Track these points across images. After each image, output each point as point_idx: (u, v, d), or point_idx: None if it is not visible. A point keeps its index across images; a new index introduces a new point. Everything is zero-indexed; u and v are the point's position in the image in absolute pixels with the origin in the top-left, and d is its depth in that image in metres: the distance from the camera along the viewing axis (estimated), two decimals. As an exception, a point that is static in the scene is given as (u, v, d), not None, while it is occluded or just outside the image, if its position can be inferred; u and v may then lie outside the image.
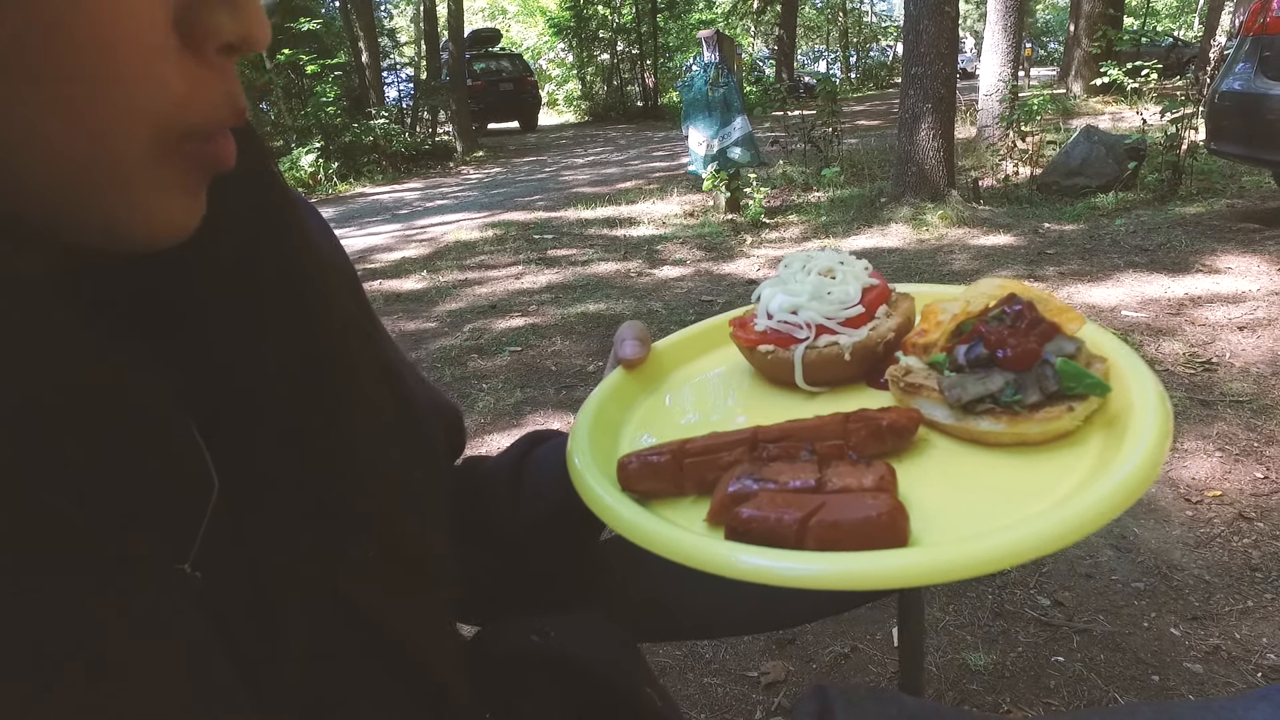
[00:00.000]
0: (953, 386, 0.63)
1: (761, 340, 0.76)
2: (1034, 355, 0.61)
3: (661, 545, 0.55)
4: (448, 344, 4.56)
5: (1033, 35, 33.52)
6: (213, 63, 0.37)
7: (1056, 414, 0.59)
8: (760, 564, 0.50)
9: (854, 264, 0.78)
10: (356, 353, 0.54)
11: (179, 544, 0.42)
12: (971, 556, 0.47)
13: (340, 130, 13.26)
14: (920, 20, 6.45)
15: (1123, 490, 0.51)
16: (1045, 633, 1.99)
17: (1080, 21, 13.25)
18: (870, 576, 0.48)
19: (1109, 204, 6.37)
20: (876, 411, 0.62)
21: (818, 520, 0.50)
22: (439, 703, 0.57)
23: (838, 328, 0.73)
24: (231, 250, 0.46)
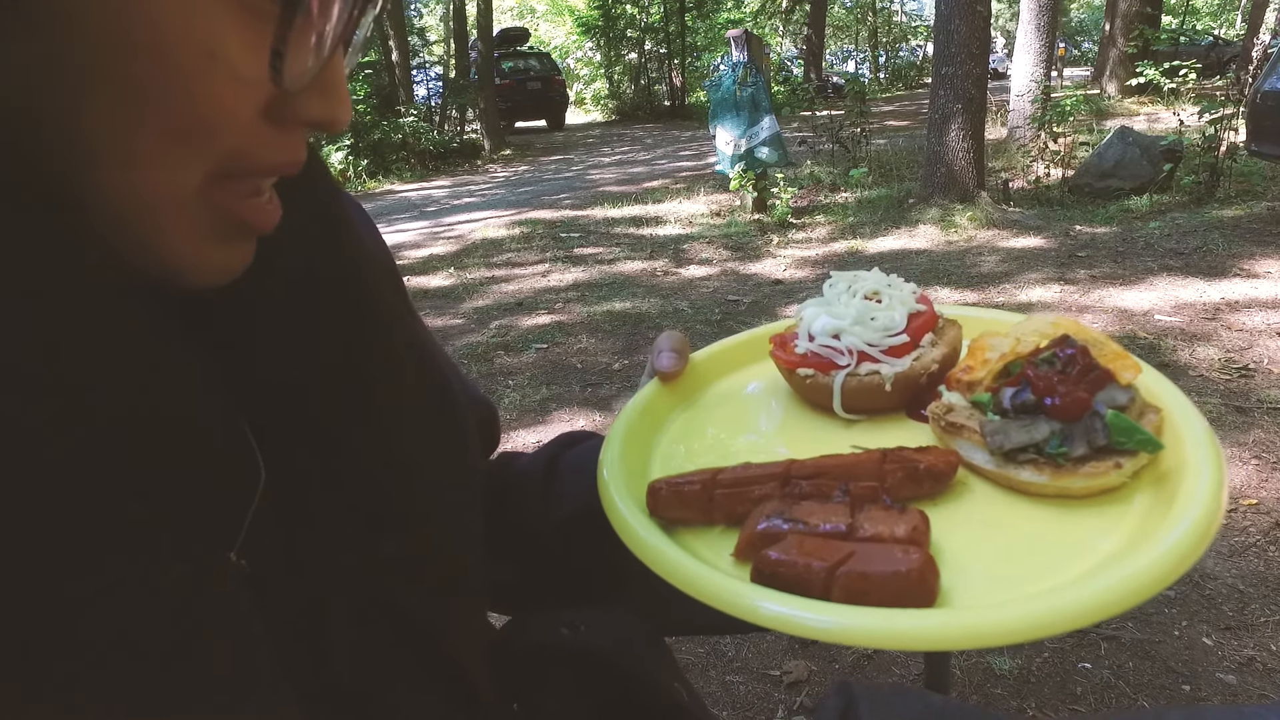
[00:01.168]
0: (995, 432, 0.60)
1: (801, 363, 0.74)
2: (1083, 406, 0.57)
3: (686, 582, 0.54)
4: (474, 341, 4.60)
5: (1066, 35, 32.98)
6: (289, 130, 0.39)
7: (1103, 470, 0.56)
8: (784, 613, 0.49)
9: (901, 287, 0.76)
10: (400, 352, 0.55)
11: (227, 533, 0.44)
12: (1001, 626, 0.46)
13: (370, 128, 13.41)
14: (952, 20, 6.39)
15: (1169, 561, 0.48)
16: (1072, 638, 1.97)
17: (1116, 20, 13.01)
18: (895, 637, 0.47)
19: (1143, 206, 6.26)
20: (914, 452, 0.60)
21: (846, 570, 0.50)
22: (469, 695, 0.58)
23: (880, 356, 0.71)
24: (287, 253, 0.47)
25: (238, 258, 0.42)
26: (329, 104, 0.39)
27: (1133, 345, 3.63)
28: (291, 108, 0.38)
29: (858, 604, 0.49)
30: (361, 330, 0.51)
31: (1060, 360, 0.60)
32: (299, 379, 0.48)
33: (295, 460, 0.47)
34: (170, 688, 0.38)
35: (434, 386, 0.61)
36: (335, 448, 0.49)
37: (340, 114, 0.40)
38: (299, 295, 0.48)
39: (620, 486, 0.65)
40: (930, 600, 0.49)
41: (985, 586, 0.52)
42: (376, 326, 0.52)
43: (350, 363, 0.50)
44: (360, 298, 0.51)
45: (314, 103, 0.39)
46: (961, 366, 0.66)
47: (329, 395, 0.49)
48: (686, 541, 0.61)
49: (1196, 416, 0.60)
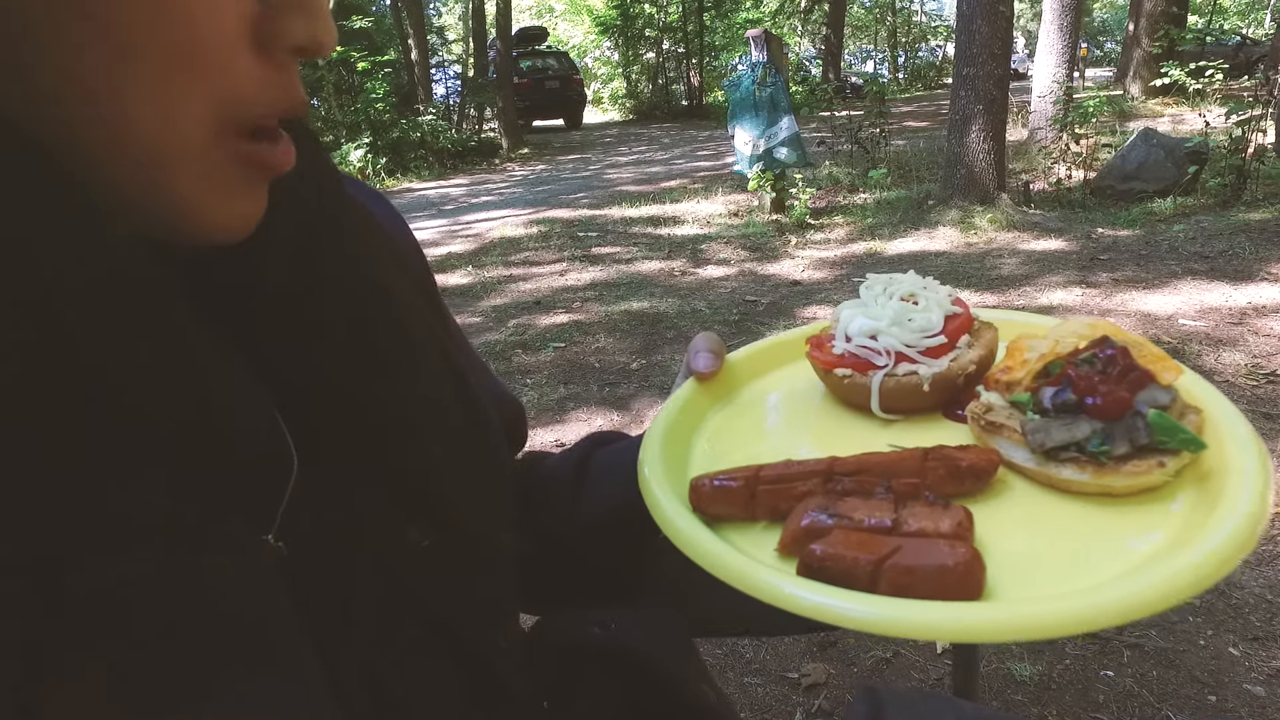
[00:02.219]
0: (1036, 431, 0.60)
1: (839, 363, 0.75)
2: (1125, 405, 0.58)
3: (735, 576, 0.55)
4: (492, 339, 4.62)
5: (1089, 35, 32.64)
6: (279, 61, 0.39)
7: (1145, 469, 0.57)
8: (828, 604, 0.50)
9: (937, 290, 0.77)
10: (418, 346, 0.55)
11: (262, 517, 0.44)
12: (1045, 619, 0.47)
13: (389, 126, 13.49)
14: (973, 20, 6.34)
15: (1213, 561, 0.48)
16: (1094, 645, 1.95)
17: (1141, 20, 12.86)
18: (938, 629, 0.48)
19: (1167, 209, 6.18)
20: (955, 450, 0.61)
21: (892, 564, 0.50)
22: (497, 690, 0.59)
23: (918, 356, 0.72)
24: (289, 242, 0.47)
25: (255, 207, 0.42)
26: (311, 24, 0.39)
27: (1156, 350, 3.60)
28: (275, 28, 0.38)
29: (904, 597, 0.49)
30: (373, 327, 0.51)
31: (1100, 360, 0.60)
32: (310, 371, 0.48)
33: (322, 448, 0.48)
34: (212, 667, 0.39)
35: (458, 385, 0.61)
36: (359, 436, 0.49)
37: (323, 36, 0.40)
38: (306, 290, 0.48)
39: (663, 483, 0.66)
40: (977, 594, 0.50)
41: (1029, 581, 0.53)
42: (389, 323, 0.52)
43: (362, 360, 0.50)
44: (370, 294, 0.51)
45: (297, 23, 0.38)
46: (1000, 367, 0.66)
47: (341, 388, 0.49)
48: (730, 537, 0.62)
49: (1239, 418, 0.60)
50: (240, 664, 0.41)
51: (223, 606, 0.40)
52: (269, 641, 0.42)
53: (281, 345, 0.47)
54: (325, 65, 12.65)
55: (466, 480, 0.57)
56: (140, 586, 0.37)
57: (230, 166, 0.39)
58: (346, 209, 0.52)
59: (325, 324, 0.48)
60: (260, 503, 0.45)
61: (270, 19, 0.37)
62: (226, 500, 0.42)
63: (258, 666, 0.41)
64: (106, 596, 0.36)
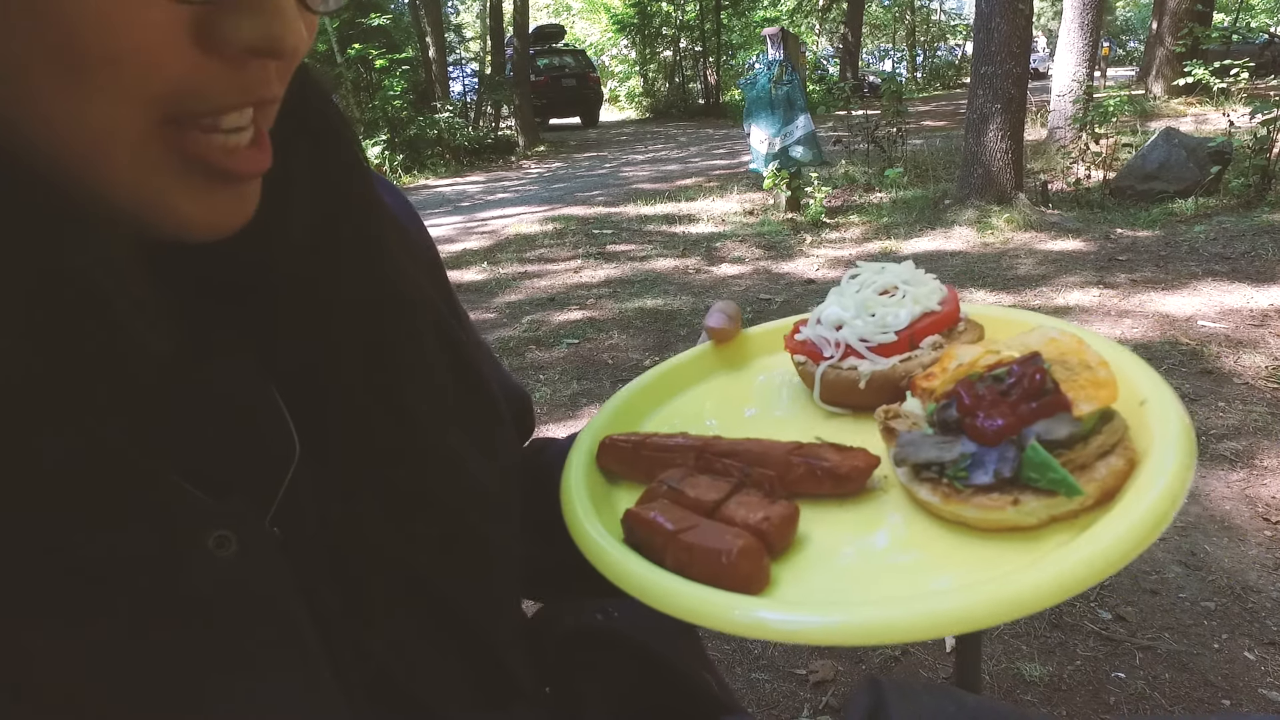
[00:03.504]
0: (907, 445, 0.57)
1: (799, 348, 0.75)
2: (1003, 432, 0.52)
3: (570, 519, 0.60)
4: (506, 335, 4.63)
5: (1111, 34, 32.24)
6: (235, 60, 0.36)
7: (996, 504, 0.51)
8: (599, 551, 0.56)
9: (922, 285, 0.74)
10: (425, 332, 0.56)
11: (262, 502, 0.45)
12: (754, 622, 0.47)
13: (406, 123, 13.55)
14: (992, 18, 6.28)
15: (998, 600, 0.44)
16: (1106, 647, 1.94)
17: (1165, 18, 12.68)
18: (687, 610, 0.49)
19: (1188, 210, 6.11)
20: (832, 450, 0.59)
21: (681, 540, 0.52)
22: (502, 676, 0.59)
23: (865, 352, 0.70)
24: (303, 231, 0.47)
25: (225, 209, 0.40)
26: (260, 22, 0.36)
27: (1174, 351, 3.55)
28: (220, 30, 0.35)
29: (683, 574, 0.52)
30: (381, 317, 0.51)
31: (1008, 379, 0.55)
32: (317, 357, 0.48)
33: (326, 435, 0.48)
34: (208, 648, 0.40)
35: (464, 370, 0.61)
36: (362, 424, 0.50)
37: (277, 32, 0.36)
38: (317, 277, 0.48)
39: (595, 433, 0.71)
40: (742, 587, 0.50)
41: (809, 587, 0.52)
42: (397, 304, 0.52)
43: (368, 347, 0.50)
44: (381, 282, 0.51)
45: (243, 23, 0.35)
46: (926, 373, 0.63)
47: (348, 375, 0.49)
48: (619, 494, 0.66)
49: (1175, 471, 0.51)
50: (242, 638, 0.41)
51: (225, 581, 0.41)
52: (272, 617, 0.43)
53: (290, 336, 0.48)
54: (343, 63, 12.73)
55: (472, 469, 0.58)
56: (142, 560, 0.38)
57: (187, 165, 0.37)
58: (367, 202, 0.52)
59: (334, 316, 0.49)
60: (260, 486, 0.45)
61: (213, 20, 0.35)
62: (227, 480, 0.43)
63: (259, 641, 0.42)
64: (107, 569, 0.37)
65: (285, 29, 0.36)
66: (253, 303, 0.47)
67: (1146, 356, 3.15)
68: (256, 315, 0.47)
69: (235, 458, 0.45)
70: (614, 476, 0.68)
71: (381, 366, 0.50)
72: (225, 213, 0.40)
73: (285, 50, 0.37)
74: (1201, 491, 2.53)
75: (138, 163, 0.36)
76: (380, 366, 0.50)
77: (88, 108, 0.34)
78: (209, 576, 0.40)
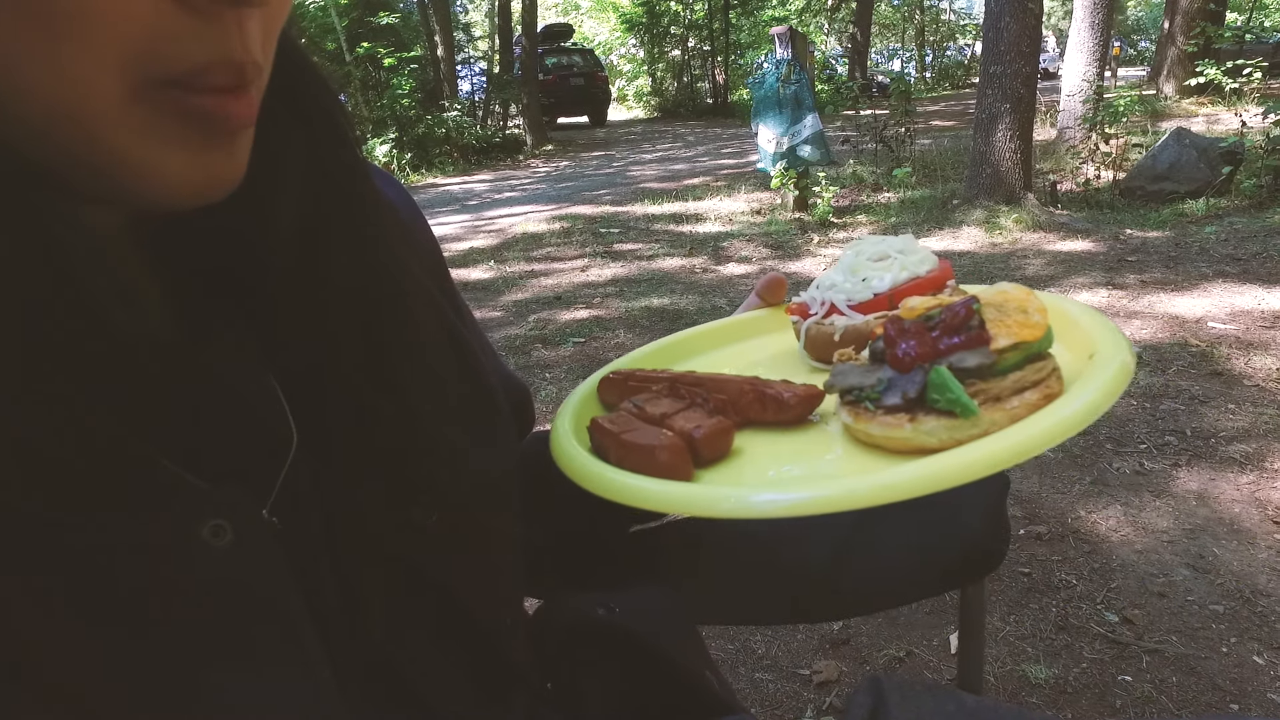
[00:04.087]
0: (837, 374, 0.62)
1: (794, 310, 0.80)
2: (916, 359, 0.57)
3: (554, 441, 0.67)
4: (513, 333, 4.64)
5: (1122, 34, 32.07)
6: (208, 12, 0.34)
7: (897, 422, 0.55)
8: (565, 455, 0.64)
9: (914, 255, 0.77)
10: (422, 323, 0.55)
11: (259, 491, 0.45)
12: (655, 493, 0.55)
13: (414, 122, 13.59)
14: (1001, 17, 6.26)
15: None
16: (1112, 650, 1.92)
17: (1177, 18, 12.61)
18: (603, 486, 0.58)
19: (1199, 210, 6.07)
20: (783, 385, 0.66)
21: (621, 439, 0.61)
22: (503, 671, 0.59)
23: (845, 309, 0.74)
24: (293, 214, 0.46)
25: (215, 168, 0.38)
26: None
27: (1184, 353, 3.53)
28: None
29: (622, 467, 0.59)
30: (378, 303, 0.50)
31: (937, 318, 0.59)
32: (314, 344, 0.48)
33: (325, 425, 0.48)
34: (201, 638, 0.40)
35: (465, 363, 0.61)
36: (361, 415, 0.49)
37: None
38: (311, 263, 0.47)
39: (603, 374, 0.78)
40: (666, 477, 0.57)
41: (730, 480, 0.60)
42: (394, 295, 0.52)
43: (365, 334, 0.49)
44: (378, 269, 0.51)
45: None
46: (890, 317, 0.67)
47: (345, 363, 0.49)
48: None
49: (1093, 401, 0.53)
50: (237, 628, 0.41)
51: (220, 571, 0.41)
52: (268, 608, 0.43)
53: (288, 325, 0.47)
54: (352, 61, 12.78)
55: (472, 461, 0.57)
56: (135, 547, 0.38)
57: (165, 121, 0.35)
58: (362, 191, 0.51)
59: (329, 306, 0.48)
60: (257, 475, 0.45)
61: None
62: (223, 468, 0.43)
63: (254, 632, 0.42)
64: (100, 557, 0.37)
65: None
66: (251, 291, 0.47)
67: (1155, 358, 3.12)
68: (255, 304, 0.47)
69: (232, 446, 0.45)
70: (609, 402, 0.75)
71: (380, 358, 0.50)
72: (215, 172, 0.38)
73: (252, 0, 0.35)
74: (1210, 494, 2.51)
75: (121, 124, 0.35)
76: (378, 358, 0.50)
77: (64, 68, 0.32)
78: (204, 566, 0.40)
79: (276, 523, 0.45)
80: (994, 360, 0.55)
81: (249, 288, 0.47)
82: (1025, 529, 2.41)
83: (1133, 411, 3.06)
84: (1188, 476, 2.63)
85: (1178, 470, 2.67)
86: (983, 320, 0.57)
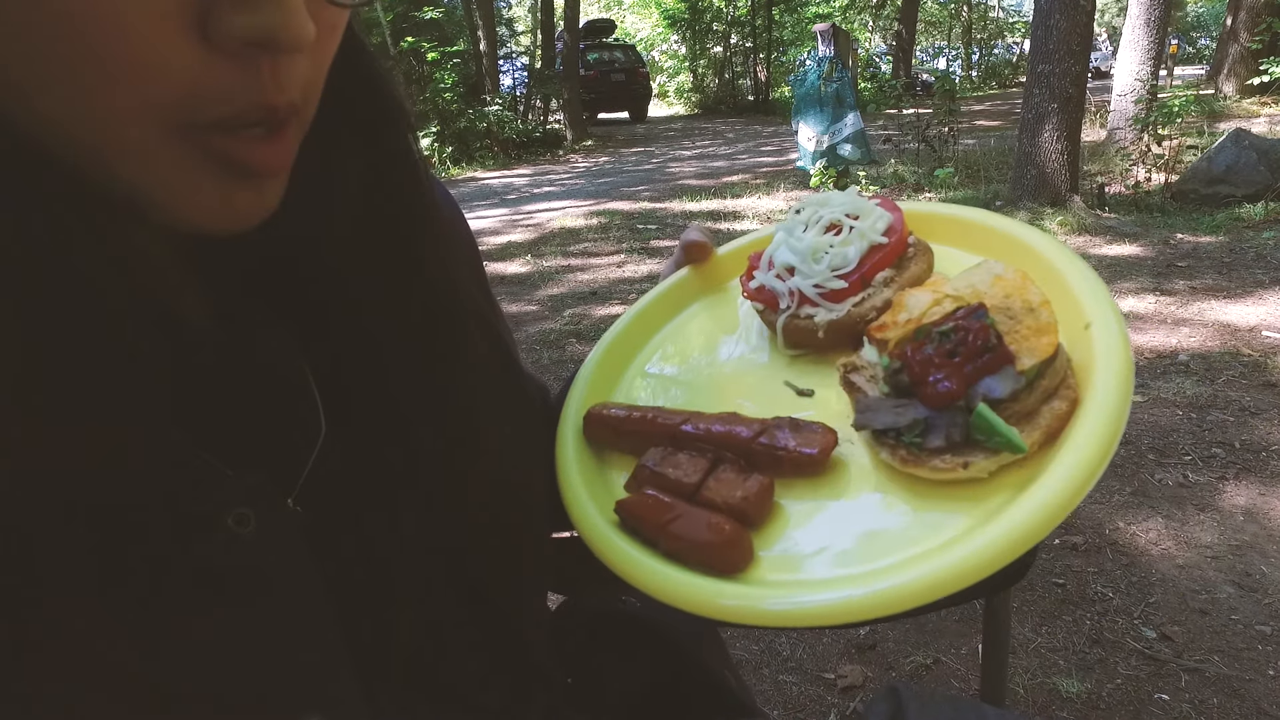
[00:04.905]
0: (865, 411, 0.59)
1: (755, 296, 0.76)
2: (951, 397, 0.55)
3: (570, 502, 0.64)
4: (547, 328, 4.67)
5: (1181, 30, 31.09)
6: (238, 57, 0.35)
7: (948, 467, 0.55)
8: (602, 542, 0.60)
9: (869, 218, 0.73)
10: (466, 320, 0.56)
11: (286, 480, 0.46)
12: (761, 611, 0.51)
13: (456, 116, 13.73)
14: (1051, 15, 6.11)
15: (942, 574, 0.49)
16: (1149, 666, 1.87)
17: (1240, 14, 12.16)
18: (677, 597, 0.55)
19: (1257, 215, 5.86)
20: (792, 432, 0.62)
21: (670, 529, 0.58)
22: (526, 665, 0.60)
23: (818, 299, 0.71)
24: (348, 229, 0.47)
25: (246, 204, 0.40)
26: (258, 16, 0.34)
27: (1235, 363, 3.42)
28: (215, 24, 0.34)
29: (677, 560, 0.57)
30: (428, 308, 0.51)
31: (956, 336, 0.57)
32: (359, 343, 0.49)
33: (357, 418, 0.49)
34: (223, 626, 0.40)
35: (500, 361, 0.62)
36: (395, 408, 0.50)
37: (279, 28, 0.34)
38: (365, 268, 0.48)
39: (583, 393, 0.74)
40: (732, 569, 0.55)
41: (795, 563, 0.56)
42: (441, 290, 0.53)
43: (410, 336, 0.50)
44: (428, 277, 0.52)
45: (238, 18, 0.34)
46: (880, 322, 0.64)
47: (388, 354, 0.49)
48: (610, 470, 0.69)
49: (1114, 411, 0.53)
50: (258, 617, 0.42)
51: (242, 558, 0.41)
52: (289, 598, 0.43)
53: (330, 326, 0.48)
54: (396, 56, 12.95)
55: (505, 462, 0.58)
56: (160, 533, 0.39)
57: (198, 159, 0.37)
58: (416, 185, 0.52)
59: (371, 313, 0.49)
60: (284, 464, 0.46)
61: (209, 14, 0.34)
62: (249, 456, 0.43)
63: (275, 621, 0.43)
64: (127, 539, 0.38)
65: (286, 18, 0.34)
66: (292, 288, 0.48)
67: (1204, 367, 3.02)
68: (295, 300, 0.48)
69: (260, 434, 0.45)
70: (601, 444, 0.71)
71: (422, 362, 0.51)
72: (241, 210, 0.40)
73: (284, 42, 0.35)
74: (1260, 510, 2.43)
75: (157, 160, 0.36)
76: (421, 362, 0.51)
77: (108, 109, 0.34)
78: (227, 553, 0.41)
79: (301, 512, 0.45)
80: (1023, 382, 0.55)
81: (291, 285, 0.48)
82: (1060, 539, 2.36)
83: (1177, 421, 2.98)
84: (1235, 491, 2.54)
85: (1224, 484, 2.58)
86: (999, 335, 0.56)
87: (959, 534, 0.52)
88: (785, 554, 0.57)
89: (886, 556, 0.53)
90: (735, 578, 0.55)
